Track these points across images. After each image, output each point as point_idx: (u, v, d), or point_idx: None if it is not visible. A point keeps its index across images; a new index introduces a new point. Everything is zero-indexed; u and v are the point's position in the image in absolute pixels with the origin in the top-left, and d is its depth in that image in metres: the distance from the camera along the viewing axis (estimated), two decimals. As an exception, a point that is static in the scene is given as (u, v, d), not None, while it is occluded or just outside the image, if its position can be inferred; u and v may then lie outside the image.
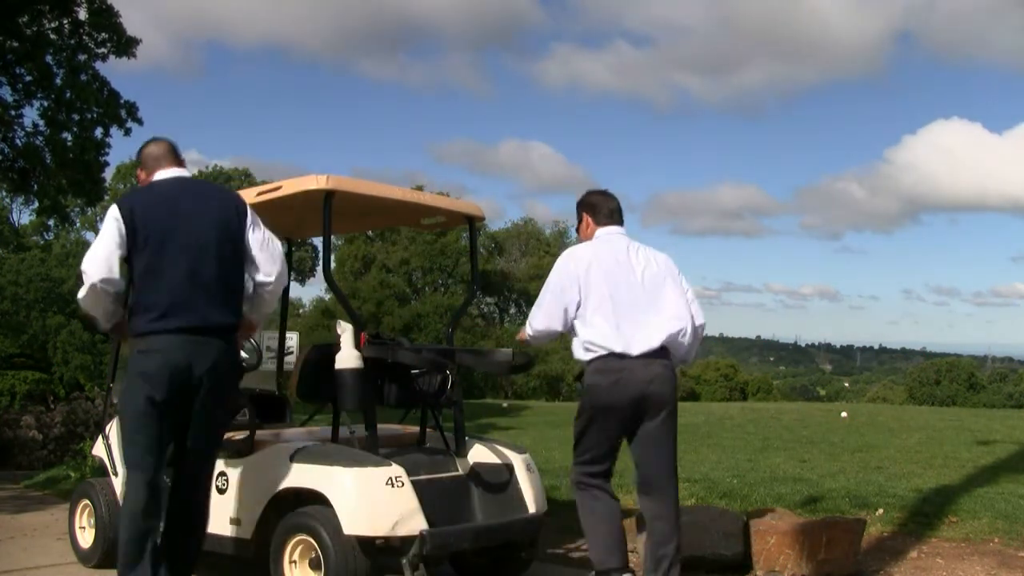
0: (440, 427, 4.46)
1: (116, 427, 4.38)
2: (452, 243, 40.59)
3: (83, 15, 12.96)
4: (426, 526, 3.67)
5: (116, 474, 4.57)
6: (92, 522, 4.79)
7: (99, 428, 5.11)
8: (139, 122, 13.55)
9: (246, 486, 4.09)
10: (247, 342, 4.59)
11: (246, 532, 4.05)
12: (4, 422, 18.12)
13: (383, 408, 4.18)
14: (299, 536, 3.80)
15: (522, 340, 3.98)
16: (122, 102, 13.37)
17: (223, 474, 4.17)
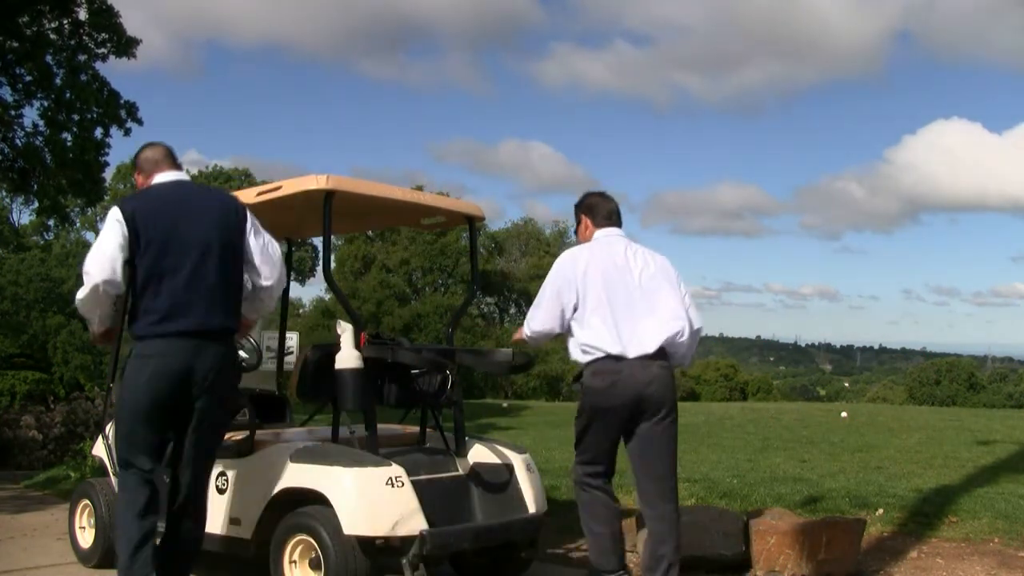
0: (440, 427, 4.46)
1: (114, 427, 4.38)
2: (452, 243, 40.57)
3: (83, 15, 12.97)
4: (426, 526, 3.67)
5: (116, 474, 4.57)
6: (92, 522, 4.79)
7: (99, 428, 5.10)
8: (139, 122, 13.56)
9: (246, 486, 4.09)
10: (247, 342, 4.59)
11: (246, 532, 4.05)
12: (4, 422, 18.09)
13: (383, 408, 4.18)
14: (299, 536, 3.80)
15: (518, 340, 3.99)
16: (122, 102, 13.37)
17: (223, 474, 4.17)
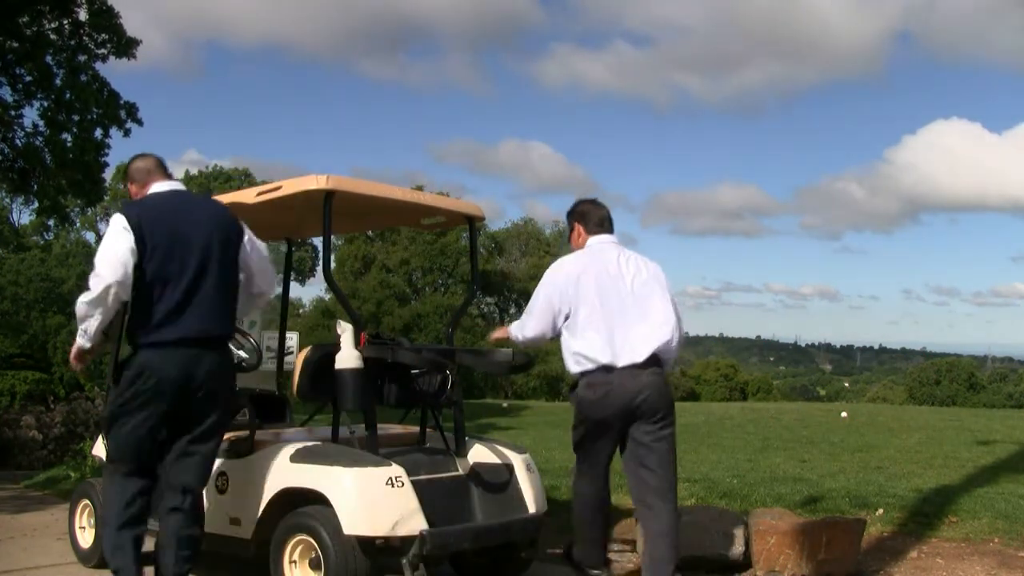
0: (440, 427, 4.46)
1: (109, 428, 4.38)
2: (452, 243, 40.56)
3: (83, 16, 12.97)
4: (426, 526, 3.67)
5: (104, 467, 4.57)
6: (92, 522, 4.79)
7: (99, 428, 5.10)
8: (139, 123, 13.55)
9: (246, 486, 4.08)
10: (247, 342, 4.59)
11: (246, 532, 4.05)
12: (4, 422, 18.07)
13: (383, 408, 4.18)
14: (299, 536, 3.80)
15: (499, 338, 4.10)
16: (122, 103, 13.37)
17: (223, 474, 4.17)
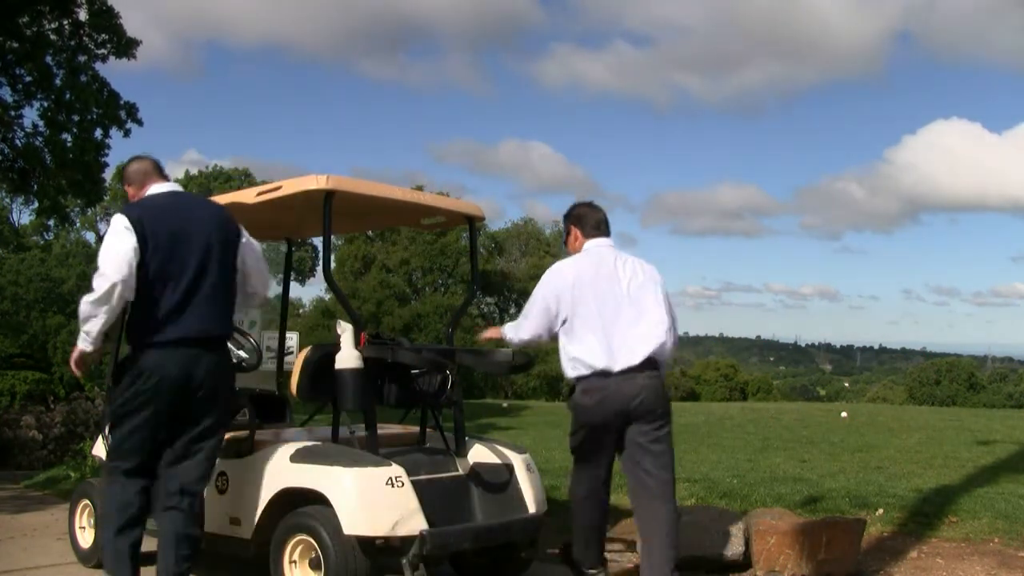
0: (440, 427, 4.46)
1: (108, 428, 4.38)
2: (452, 243, 40.55)
3: (83, 16, 12.96)
4: (426, 526, 3.67)
5: (103, 467, 4.57)
6: (92, 522, 4.78)
7: (99, 428, 5.10)
8: (139, 123, 13.55)
9: (246, 486, 4.08)
10: (247, 342, 4.59)
11: (246, 532, 4.05)
12: (4, 422, 18.08)
13: (383, 408, 4.18)
14: (299, 536, 3.80)
15: (489, 338, 4.15)
16: (122, 103, 13.36)
17: (223, 474, 4.17)
